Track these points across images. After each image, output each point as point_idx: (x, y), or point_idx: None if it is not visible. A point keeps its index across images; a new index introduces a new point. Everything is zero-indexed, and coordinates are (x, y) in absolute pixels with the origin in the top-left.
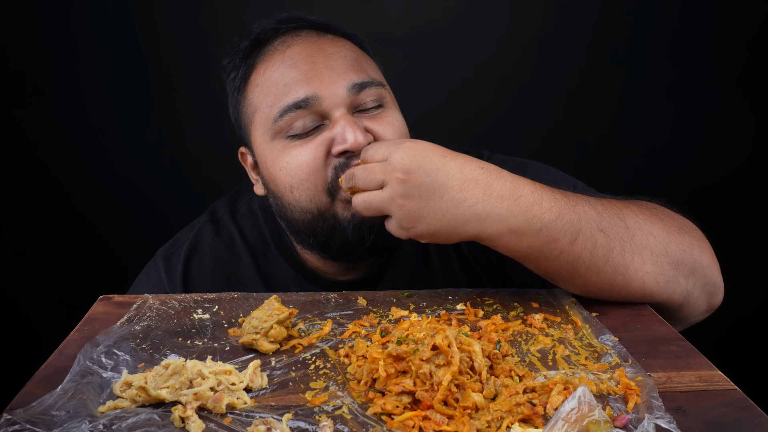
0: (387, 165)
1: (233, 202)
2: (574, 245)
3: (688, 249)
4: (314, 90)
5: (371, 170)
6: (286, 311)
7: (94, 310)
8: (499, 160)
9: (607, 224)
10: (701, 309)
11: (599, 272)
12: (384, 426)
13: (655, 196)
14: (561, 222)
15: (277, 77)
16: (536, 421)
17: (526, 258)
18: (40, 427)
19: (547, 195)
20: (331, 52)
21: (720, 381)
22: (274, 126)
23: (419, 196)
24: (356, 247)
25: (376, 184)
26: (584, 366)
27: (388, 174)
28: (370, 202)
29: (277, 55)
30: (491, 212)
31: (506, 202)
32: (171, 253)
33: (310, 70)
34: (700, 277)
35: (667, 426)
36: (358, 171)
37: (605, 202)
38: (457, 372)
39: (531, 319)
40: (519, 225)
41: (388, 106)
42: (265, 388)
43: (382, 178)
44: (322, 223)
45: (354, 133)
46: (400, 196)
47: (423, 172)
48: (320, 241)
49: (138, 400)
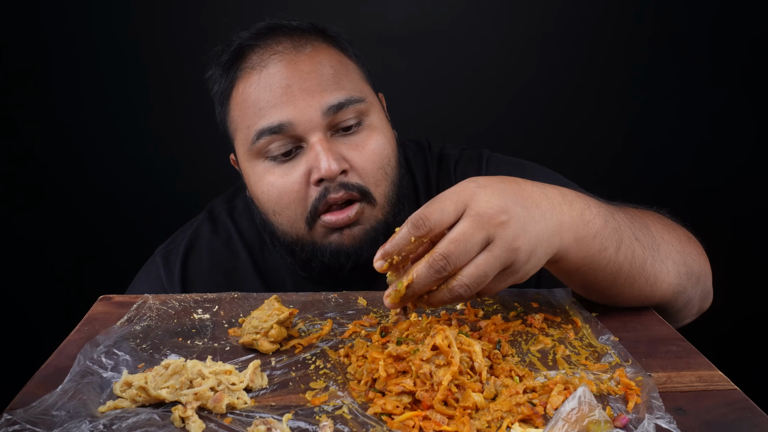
0: (479, 217)
1: (230, 199)
2: (618, 254)
3: (697, 258)
4: (288, 115)
5: (463, 234)
6: (286, 311)
7: (94, 310)
8: (498, 160)
9: (639, 233)
10: (693, 313)
11: (633, 283)
12: (384, 426)
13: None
14: (608, 228)
15: (253, 99)
16: (536, 421)
17: (579, 271)
18: (40, 427)
19: (591, 199)
20: (307, 71)
21: (720, 381)
22: (252, 148)
23: (524, 230)
24: (335, 273)
25: (479, 245)
26: (584, 366)
27: (486, 225)
28: (483, 270)
29: (253, 75)
30: (563, 222)
31: (566, 208)
32: (169, 250)
33: (285, 94)
34: (701, 284)
35: (667, 426)
36: (448, 248)
37: (629, 210)
38: (457, 372)
39: (531, 319)
40: (579, 231)
41: (369, 123)
42: (265, 388)
43: (484, 234)
44: (300, 248)
45: (328, 161)
46: (513, 239)
47: (514, 204)
48: (299, 261)
49: (138, 400)
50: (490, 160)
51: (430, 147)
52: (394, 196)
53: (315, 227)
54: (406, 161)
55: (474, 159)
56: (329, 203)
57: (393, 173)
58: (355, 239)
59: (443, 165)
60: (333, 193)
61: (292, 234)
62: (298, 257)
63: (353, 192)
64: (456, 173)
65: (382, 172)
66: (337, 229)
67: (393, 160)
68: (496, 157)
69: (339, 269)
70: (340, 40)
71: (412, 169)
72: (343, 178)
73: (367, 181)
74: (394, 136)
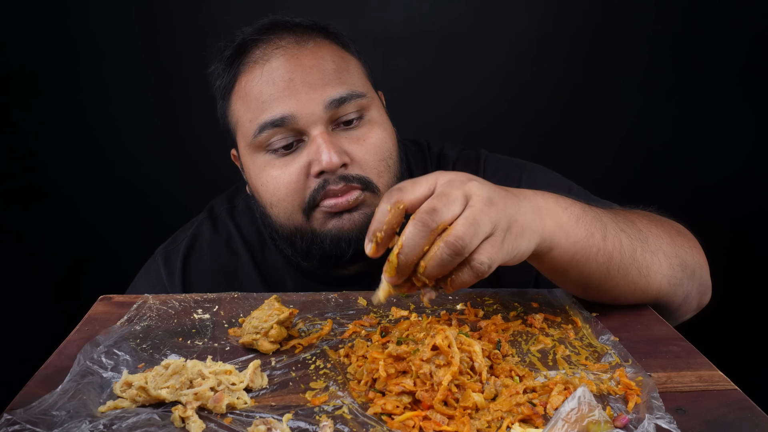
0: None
1: (231, 199)
2: (606, 241)
3: (689, 251)
4: (290, 108)
5: (443, 192)
6: (286, 311)
7: (94, 310)
8: (496, 160)
9: (624, 225)
10: (693, 307)
11: (627, 274)
12: (384, 426)
13: (646, 204)
14: (588, 216)
15: (255, 93)
16: (536, 421)
17: (573, 260)
18: (40, 427)
19: (560, 195)
20: (309, 65)
21: (720, 381)
22: (254, 141)
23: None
24: (336, 259)
25: (459, 200)
26: (584, 366)
27: (460, 185)
28: (473, 218)
29: (256, 69)
30: (539, 206)
31: (539, 197)
32: (170, 250)
33: (287, 88)
34: (697, 277)
35: (667, 426)
36: (432, 203)
37: (610, 209)
38: (457, 372)
39: (531, 319)
40: (560, 217)
41: (369, 117)
42: (265, 388)
43: (461, 192)
44: (300, 238)
45: (329, 154)
46: (488, 197)
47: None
48: (300, 252)
49: (138, 400)
50: (487, 160)
51: (429, 147)
52: None
53: (313, 216)
54: (406, 160)
55: (472, 159)
56: (328, 195)
57: (395, 167)
58: (355, 224)
59: (442, 165)
60: (333, 185)
61: (290, 226)
62: (298, 248)
63: (353, 183)
64: None
65: (384, 164)
66: (336, 214)
67: (395, 154)
68: (493, 157)
69: (340, 256)
70: (342, 37)
71: (411, 168)
72: (344, 171)
73: (369, 173)
74: (395, 133)
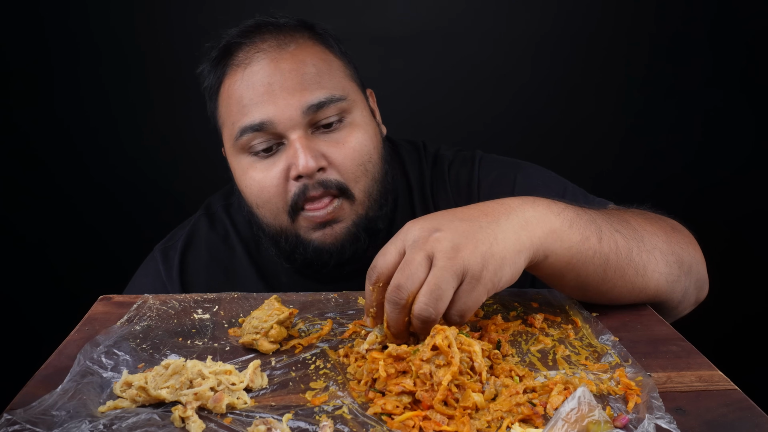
0: (414, 243)
1: (227, 196)
2: (602, 244)
3: (685, 247)
4: (269, 114)
5: (405, 261)
6: (286, 311)
7: (94, 310)
8: (492, 160)
9: (618, 226)
10: (691, 303)
11: (624, 274)
12: (384, 426)
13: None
14: (582, 219)
15: (237, 96)
16: (536, 421)
17: (569, 265)
18: (40, 427)
19: (558, 201)
20: (288, 69)
21: (720, 381)
22: (236, 143)
23: (467, 238)
24: (318, 268)
25: (423, 265)
26: (584, 366)
27: (422, 246)
28: (434, 284)
29: (238, 72)
30: (527, 218)
31: (528, 207)
32: (168, 246)
33: (266, 93)
34: (694, 273)
35: (667, 426)
36: (396, 278)
37: (603, 210)
38: (457, 372)
39: (531, 319)
40: (552, 223)
41: (350, 120)
42: (265, 388)
43: (423, 254)
44: (284, 239)
45: (305, 158)
46: (452, 248)
47: (450, 221)
48: (284, 252)
49: (138, 400)
50: (482, 161)
51: (426, 148)
52: (376, 192)
53: (297, 220)
54: (401, 162)
55: (467, 160)
56: (308, 200)
57: (374, 169)
58: (337, 238)
59: (437, 166)
60: (312, 191)
61: (276, 226)
62: (282, 248)
63: (331, 189)
64: (450, 174)
65: (362, 168)
66: (319, 226)
67: (375, 156)
68: (489, 158)
69: (322, 266)
70: (327, 38)
71: (407, 169)
72: (321, 175)
73: (346, 178)
74: (379, 133)
